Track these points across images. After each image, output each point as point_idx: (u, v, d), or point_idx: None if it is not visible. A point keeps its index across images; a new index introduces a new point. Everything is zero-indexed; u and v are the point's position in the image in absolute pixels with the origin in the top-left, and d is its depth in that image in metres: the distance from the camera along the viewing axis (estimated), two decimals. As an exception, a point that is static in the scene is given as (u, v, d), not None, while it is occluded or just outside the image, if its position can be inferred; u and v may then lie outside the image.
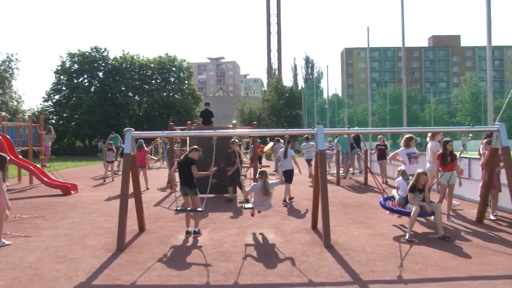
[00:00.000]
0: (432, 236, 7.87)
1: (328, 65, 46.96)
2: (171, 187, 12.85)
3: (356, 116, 40.86)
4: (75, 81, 49.70)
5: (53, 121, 47.24)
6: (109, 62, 51.05)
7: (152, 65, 53.27)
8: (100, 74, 50.71)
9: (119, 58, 51.68)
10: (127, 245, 7.49)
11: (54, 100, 49.68)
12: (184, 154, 8.70)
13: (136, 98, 52.23)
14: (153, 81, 54.20)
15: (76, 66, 49.67)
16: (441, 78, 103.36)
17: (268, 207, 8.42)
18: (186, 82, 55.79)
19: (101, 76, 50.43)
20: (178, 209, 8.28)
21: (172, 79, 54.80)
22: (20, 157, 16.27)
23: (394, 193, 8.87)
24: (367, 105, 25.14)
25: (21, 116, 29.82)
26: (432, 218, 9.07)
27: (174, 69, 54.56)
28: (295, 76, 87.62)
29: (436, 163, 9.94)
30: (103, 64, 50.87)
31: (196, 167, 8.25)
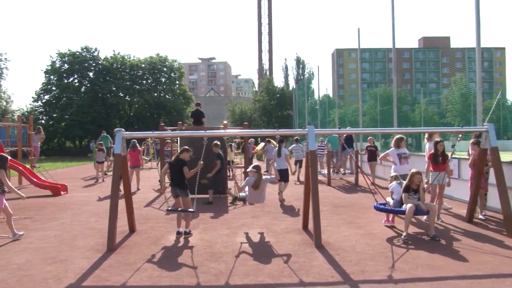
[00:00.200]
0: (422, 237, 7.90)
1: (319, 66, 47.08)
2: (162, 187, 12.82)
3: (347, 116, 41.01)
4: (65, 81, 49.37)
5: (43, 121, 46.91)
6: (99, 62, 50.79)
7: (143, 65, 53.07)
8: (91, 74, 50.41)
9: (109, 58, 51.42)
10: (117, 246, 7.46)
11: (44, 100, 49.33)
12: (175, 155, 8.67)
13: (127, 98, 51.99)
14: (144, 82, 54.01)
15: (66, 66, 49.32)
16: (431, 79, 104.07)
17: (261, 200, 8.74)
18: (177, 82, 55.67)
19: (92, 76, 50.13)
20: (169, 209, 8.26)
21: (163, 79, 54.64)
22: (9, 157, 16.11)
23: (389, 200, 8.75)
24: (358, 105, 25.24)
25: (10, 116, 29.52)
26: (425, 218, 9.15)
27: (165, 69, 54.41)
28: (286, 76, 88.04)
29: (427, 163, 10.01)
30: (94, 64, 50.59)
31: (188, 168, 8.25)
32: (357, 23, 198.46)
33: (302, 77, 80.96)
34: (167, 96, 53.90)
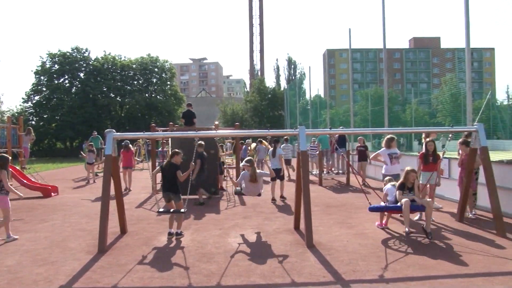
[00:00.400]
0: (413, 236, 7.93)
1: (310, 66, 47.21)
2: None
3: (338, 116, 41.16)
4: (56, 81, 48.94)
5: (33, 122, 46.49)
6: (90, 62, 50.40)
7: (134, 65, 52.76)
8: (81, 75, 50.00)
9: (100, 58, 51.06)
10: (108, 247, 7.42)
11: (34, 101, 48.89)
12: (166, 160, 8.61)
13: (118, 99, 51.66)
14: (135, 82, 53.70)
15: (56, 66, 48.90)
16: (422, 79, 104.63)
17: (257, 192, 8.98)
18: (169, 83, 55.45)
19: (82, 77, 49.72)
20: (160, 210, 8.24)
21: (154, 80, 54.39)
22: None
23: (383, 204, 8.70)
24: (349, 106, 25.30)
25: (0, 117, 29.32)
26: (416, 219, 9.20)
27: (156, 70, 54.15)
28: (277, 77, 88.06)
29: (418, 163, 10.07)
30: (84, 65, 50.21)
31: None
32: (348, 23, 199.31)
33: (293, 78, 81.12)
34: (158, 96, 53.62)
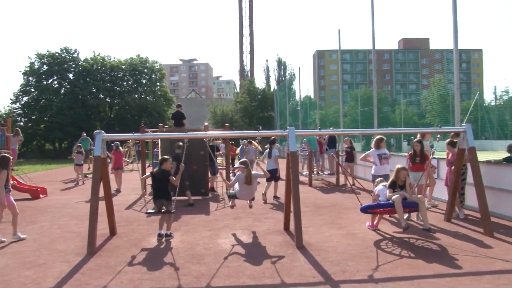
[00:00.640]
0: (402, 237, 7.98)
1: (300, 67, 47.39)
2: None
3: (328, 117, 41.34)
4: (44, 82, 48.64)
5: (21, 123, 46.17)
6: (79, 63, 50.14)
7: (123, 66, 52.58)
8: (70, 76, 49.71)
9: (89, 59, 50.82)
10: (97, 249, 7.38)
11: (23, 102, 48.53)
12: (157, 167, 8.51)
13: (108, 100, 51.52)
14: (125, 83, 53.51)
15: (45, 67, 48.57)
16: (411, 80, 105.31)
17: (251, 196, 8.84)
18: (158, 84, 55.31)
19: (71, 78, 49.44)
20: (149, 211, 8.21)
21: (144, 80, 54.23)
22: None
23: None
24: (339, 106, 25.42)
25: (-13, 118, 29.10)
26: (405, 217, 9.23)
27: (146, 70, 53.99)
28: (267, 78, 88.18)
29: (407, 163, 10.13)
30: (73, 66, 49.92)
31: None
32: (338, 24, 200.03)
33: (283, 78, 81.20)
34: (148, 97, 53.46)
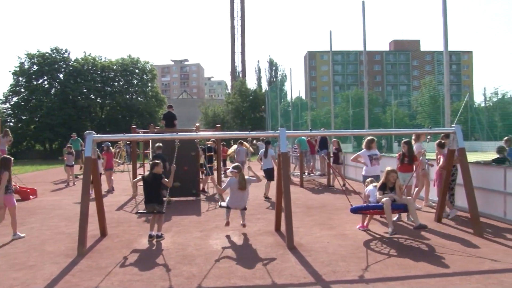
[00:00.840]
0: (392, 237, 8.02)
1: (291, 68, 47.42)
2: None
3: (319, 118, 41.40)
4: (35, 82, 48.31)
5: (11, 124, 45.86)
6: (70, 63, 49.86)
7: (114, 67, 52.39)
8: (61, 76, 49.43)
9: (80, 59, 50.56)
10: (88, 250, 7.35)
11: (12, 102, 48.20)
12: (148, 172, 8.45)
13: (98, 100, 51.28)
14: (116, 84, 53.29)
15: (35, 67, 48.28)
16: (402, 81, 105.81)
17: (244, 204, 8.48)
18: (150, 84, 55.18)
19: (62, 78, 49.15)
20: (140, 211, 8.18)
21: (135, 81, 54.06)
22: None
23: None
24: (330, 107, 25.48)
25: (-23, 119, 28.84)
26: (395, 218, 9.29)
27: (137, 71, 53.82)
28: (259, 78, 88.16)
29: (397, 163, 10.19)
30: (64, 66, 49.64)
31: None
32: (329, 25, 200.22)
33: (275, 79, 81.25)
34: (139, 98, 53.30)
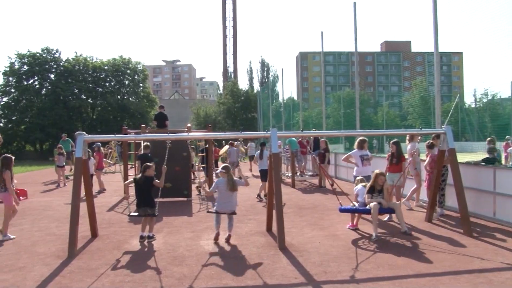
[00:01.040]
0: (382, 237, 8.06)
1: (283, 69, 47.40)
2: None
3: (311, 119, 41.49)
4: (25, 83, 47.89)
5: (1, 124, 45.62)
6: (61, 64, 49.50)
7: (106, 67, 52.11)
8: (52, 76, 49.08)
9: (71, 60, 50.20)
10: (79, 251, 7.33)
11: (2, 103, 47.71)
12: (140, 174, 8.40)
13: (90, 101, 50.98)
14: (107, 84, 53.01)
15: (26, 67, 47.90)
16: (393, 82, 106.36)
17: (232, 207, 8.01)
18: (141, 85, 54.93)
19: (53, 78, 48.80)
20: (131, 214, 8.15)
21: (127, 81, 53.80)
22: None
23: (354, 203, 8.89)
24: (322, 108, 25.55)
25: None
26: (385, 219, 9.35)
27: (128, 71, 53.56)
28: (250, 79, 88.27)
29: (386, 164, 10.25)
30: (55, 66, 49.28)
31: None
32: (321, 26, 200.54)
33: (266, 80, 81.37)
34: (130, 98, 53.06)
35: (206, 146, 15.17)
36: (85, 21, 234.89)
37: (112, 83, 53.01)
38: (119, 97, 52.33)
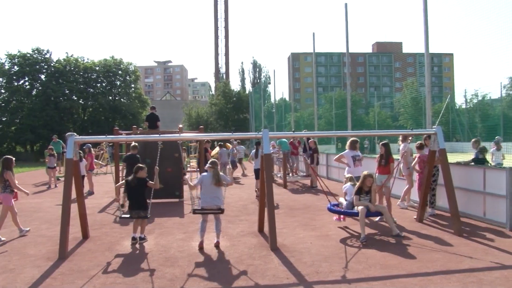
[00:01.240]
0: (374, 237, 8.10)
1: (275, 70, 47.50)
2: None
3: (303, 119, 41.58)
4: (15, 83, 47.56)
5: (-10, 125, 45.26)
6: (52, 64, 49.16)
7: (97, 68, 51.83)
8: (43, 77, 48.72)
9: (62, 60, 49.89)
10: (69, 253, 7.29)
11: (-8, 104, 47.51)
12: (132, 176, 8.30)
13: (81, 102, 50.70)
14: (99, 85, 52.71)
15: (16, 68, 47.57)
16: (384, 83, 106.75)
17: (218, 203, 7.66)
18: (133, 85, 54.69)
19: (44, 79, 48.46)
20: (122, 216, 8.12)
21: (118, 82, 53.55)
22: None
23: (342, 200, 9.01)
24: (313, 109, 25.61)
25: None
26: (377, 220, 9.40)
27: (120, 72, 53.29)
28: (242, 80, 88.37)
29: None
30: (46, 67, 48.93)
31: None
32: (313, 27, 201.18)
33: (258, 81, 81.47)
34: (122, 99, 52.82)
35: (205, 147, 15.35)
36: (76, 21, 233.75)
37: (104, 84, 52.74)
38: (110, 98, 52.08)
